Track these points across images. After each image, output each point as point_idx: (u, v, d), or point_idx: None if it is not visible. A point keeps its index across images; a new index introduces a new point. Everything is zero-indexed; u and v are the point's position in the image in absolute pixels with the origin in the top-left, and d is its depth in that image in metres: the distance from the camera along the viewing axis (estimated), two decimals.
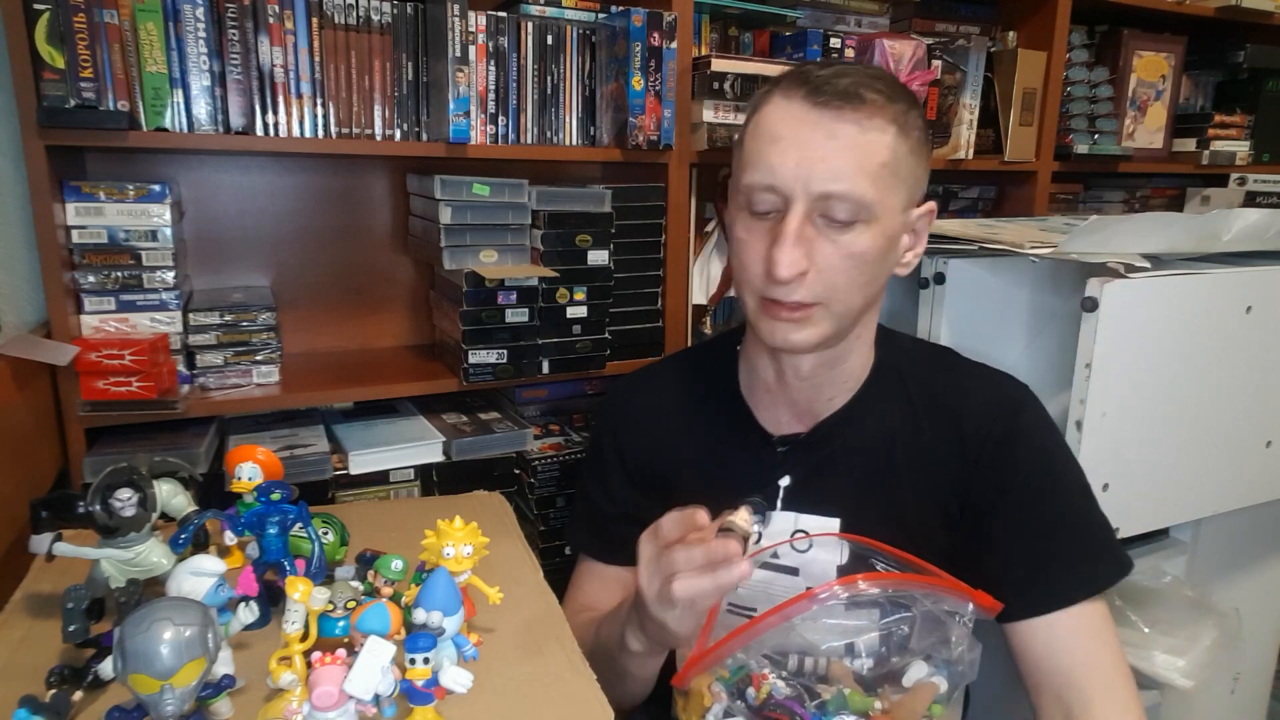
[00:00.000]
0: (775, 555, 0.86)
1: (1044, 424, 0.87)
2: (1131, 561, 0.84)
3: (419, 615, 0.59)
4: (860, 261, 0.77)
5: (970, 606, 0.73)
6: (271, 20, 1.20)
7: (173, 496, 0.74)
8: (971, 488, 0.84)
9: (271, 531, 0.72)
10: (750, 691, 0.72)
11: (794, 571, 0.85)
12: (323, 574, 0.73)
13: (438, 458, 1.34)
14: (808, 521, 0.86)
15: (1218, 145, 2.12)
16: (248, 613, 0.63)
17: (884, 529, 0.83)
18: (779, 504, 0.87)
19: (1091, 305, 0.93)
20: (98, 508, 0.67)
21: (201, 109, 1.19)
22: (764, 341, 0.82)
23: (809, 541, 0.85)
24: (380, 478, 1.30)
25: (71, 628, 0.63)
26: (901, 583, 0.73)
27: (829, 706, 0.71)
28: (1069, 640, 0.80)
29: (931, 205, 0.85)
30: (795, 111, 0.76)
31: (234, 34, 1.18)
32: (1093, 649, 0.80)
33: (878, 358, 0.89)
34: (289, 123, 1.24)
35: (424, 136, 1.33)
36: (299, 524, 0.73)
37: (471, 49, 1.30)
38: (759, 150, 0.78)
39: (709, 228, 1.64)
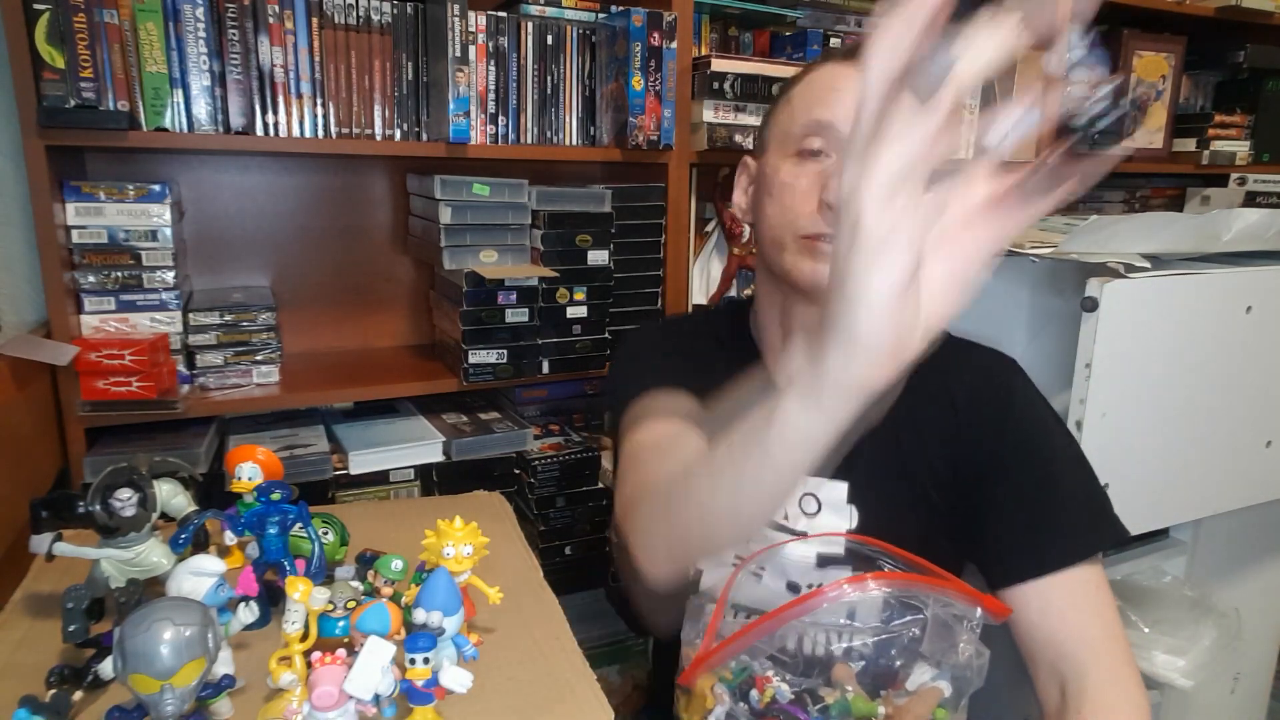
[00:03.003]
0: (785, 517, 0.86)
1: (1034, 392, 0.88)
2: (1127, 532, 0.83)
3: (419, 615, 0.59)
4: None
5: (978, 611, 0.73)
6: (271, 20, 1.20)
7: (173, 496, 0.74)
8: (963, 453, 0.85)
9: (271, 531, 0.72)
10: (754, 694, 0.72)
11: (802, 535, 0.85)
12: (323, 574, 0.73)
13: (438, 458, 1.34)
14: (815, 483, 0.86)
15: (1218, 145, 2.12)
16: (248, 613, 0.63)
17: (888, 494, 0.84)
18: None
19: (1091, 305, 0.93)
20: (98, 508, 0.67)
21: (201, 109, 1.19)
22: (799, 281, 0.81)
23: (817, 505, 0.86)
24: (380, 478, 1.30)
25: (71, 628, 0.63)
26: (911, 583, 0.73)
27: (832, 711, 0.71)
28: (1063, 608, 0.80)
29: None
30: (854, 69, 0.80)
31: (234, 34, 1.18)
32: (1087, 617, 0.80)
33: None
34: (289, 123, 1.24)
35: (424, 136, 1.33)
36: (299, 524, 0.73)
37: (471, 49, 1.30)
38: (816, 96, 0.81)
39: (709, 228, 1.64)
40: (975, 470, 0.85)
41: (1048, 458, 0.84)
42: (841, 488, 0.86)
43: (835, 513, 0.85)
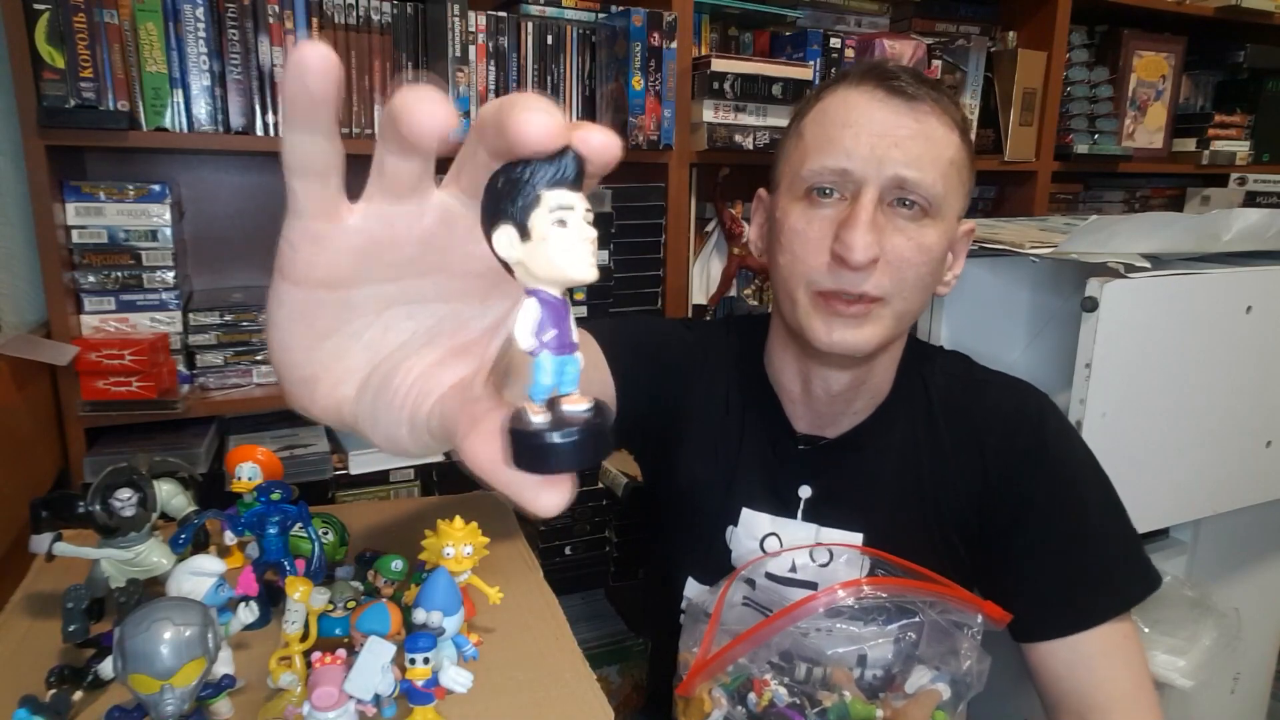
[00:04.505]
0: (793, 569, 0.83)
1: (1068, 437, 0.83)
2: (1160, 577, 0.80)
3: (419, 615, 0.59)
4: (930, 256, 0.74)
5: (979, 618, 0.72)
6: (271, 20, 1.20)
7: (173, 496, 0.74)
8: (991, 503, 0.81)
9: (271, 531, 0.71)
10: (751, 697, 0.72)
11: (813, 586, 0.82)
12: (323, 574, 0.73)
13: (438, 457, 1.34)
14: (829, 536, 0.82)
15: (1218, 145, 2.12)
16: (248, 613, 0.63)
17: (908, 545, 0.80)
18: (799, 515, 0.84)
19: (1091, 305, 0.93)
20: (98, 508, 0.67)
21: (201, 109, 1.19)
22: (813, 342, 0.75)
23: (828, 554, 0.82)
24: (380, 478, 1.30)
25: (71, 628, 0.63)
26: (907, 589, 0.72)
27: (830, 715, 0.70)
28: (1091, 659, 0.76)
29: (971, 225, 0.81)
30: (866, 98, 0.73)
31: (234, 34, 1.18)
32: (1115, 668, 0.76)
33: (902, 365, 0.85)
34: None
35: None
36: (299, 524, 0.73)
37: (471, 49, 1.30)
38: (827, 135, 0.74)
39: (709, 228, 1.64)
40: (1006, 519, 0.80)
41: (1081, 508, 0.80)
42: (855, 540, 0.82)
43: (848, 564, 0.82)
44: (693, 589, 0.88)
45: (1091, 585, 0.78)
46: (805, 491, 0.84)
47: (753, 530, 0.85)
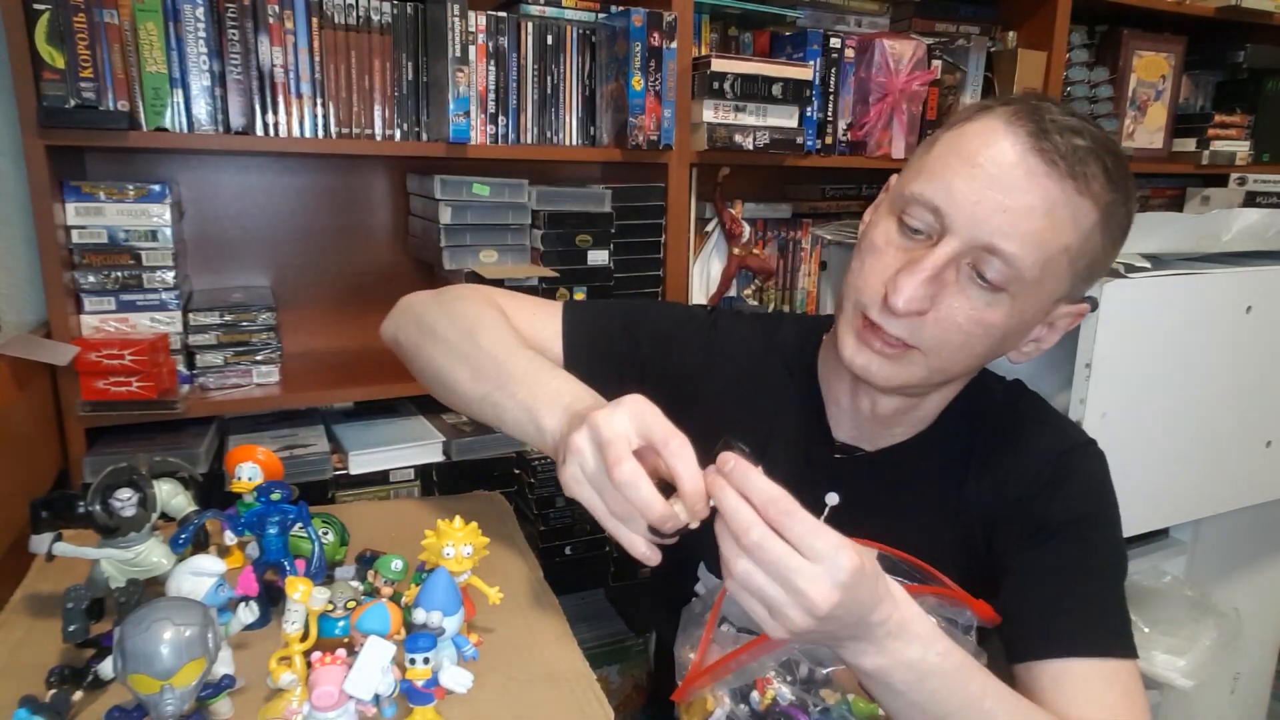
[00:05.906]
0: None
1: (1097, 482, 0.80)
2: (1137, 653, 0.76)
3: (419, 615, 0.59)
4: (985, 331, 0.71)
5: (967, 613, 0.72)
6: (271, 20, 1.20)
7: (173, 496, 0.74)
8: (1004, 527, 0.79)
9: (271, 531, 0.71)
10: (754, 695, 0.72)
11: None
12: (323, 574, 0.73)
13: (438, 458, 1.34)
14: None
15: (1218, 145, 2.12)
16: (248, 613, 0.63)
17: (928, 561, 0.77)
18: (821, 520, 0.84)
19: (1091, 305, 0.93)
20: (98, 508, 0.67)
21: (201, 109, 1.19)
22: (838, 353, 0.75)
23: None
24: (380, 478, 1.30)
25: (71, 628, 0.63)
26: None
27: (833, 714, 0.70)
28: (1099, 691, 0.70)
29: (1084, 308, 0.76)
30: (1009, 142, 0.67)
31: (234, 34, 1.18)
32: (1115, 702, 0.70)
33: (959, 395, 0.83)
34: (289, 123, 1.24)
35: (424, 136, 1.33)
36: (299, 524, 0.73)
37: (471, 49, 1.30)
38: (946, 164, 0.70)
39: (709, 228, 1.64)
40: (1015, 540, 0.78)
41: (1092, 546, 0.77)
42: (870, 554, 0.81)
43: None
44: (706, 577, 0.88)
45: (1087, 614, 0.74)
46: (833, 499, 0.81)
47: None
